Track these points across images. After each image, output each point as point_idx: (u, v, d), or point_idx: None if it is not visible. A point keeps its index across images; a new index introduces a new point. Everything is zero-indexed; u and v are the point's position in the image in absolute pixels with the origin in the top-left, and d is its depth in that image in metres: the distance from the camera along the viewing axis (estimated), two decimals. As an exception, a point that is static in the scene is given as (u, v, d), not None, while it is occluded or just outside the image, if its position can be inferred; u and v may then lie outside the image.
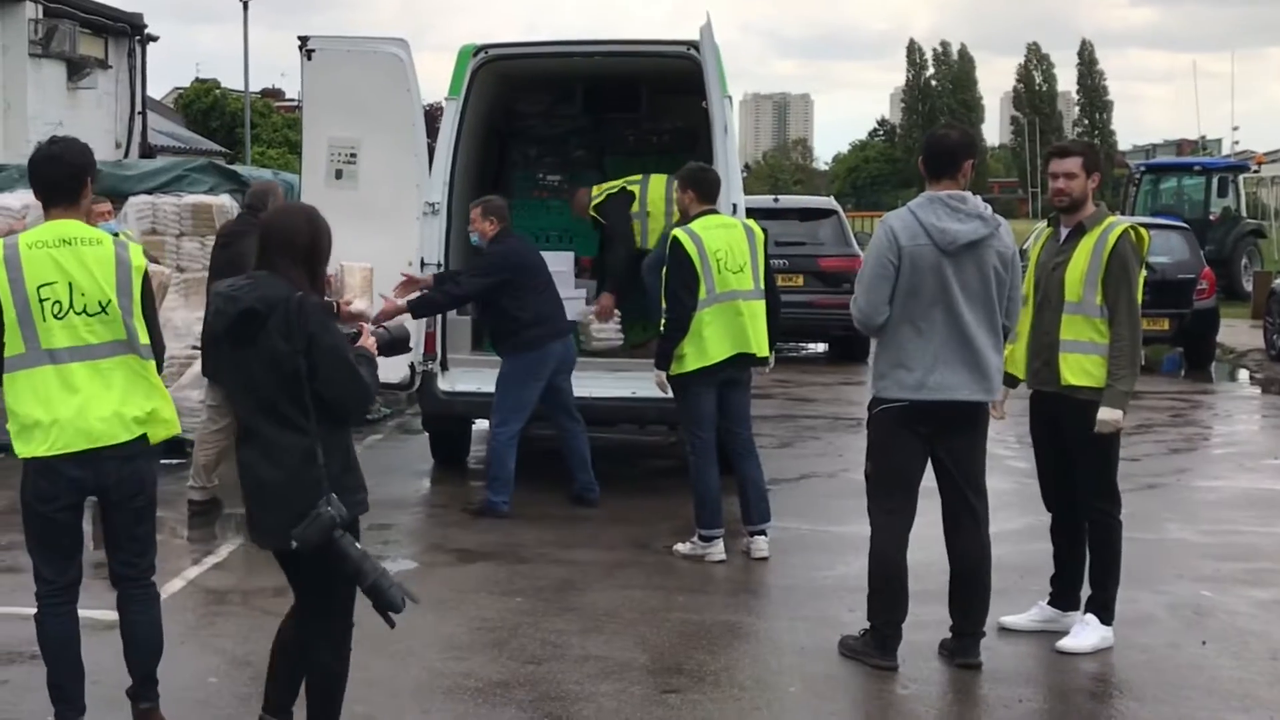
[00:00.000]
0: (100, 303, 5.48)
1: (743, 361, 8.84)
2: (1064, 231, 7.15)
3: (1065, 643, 7.08)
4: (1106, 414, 6.89)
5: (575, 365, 10.33)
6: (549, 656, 7.04)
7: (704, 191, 9.04)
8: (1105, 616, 7.14)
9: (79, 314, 5.45)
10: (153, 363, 5.64)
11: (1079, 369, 6.96)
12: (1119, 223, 7.08)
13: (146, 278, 5.66)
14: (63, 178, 5.63)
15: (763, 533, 8.97)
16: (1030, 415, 7.36)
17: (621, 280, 11.19)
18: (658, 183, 11.27)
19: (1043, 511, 7.44)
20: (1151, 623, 7.36)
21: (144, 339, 5.59)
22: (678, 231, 8.85)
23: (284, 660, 5.61)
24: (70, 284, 5.44)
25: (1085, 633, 7.10)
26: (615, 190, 11.35)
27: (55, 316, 5.44)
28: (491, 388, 10.10)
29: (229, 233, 10.28)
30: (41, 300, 5.43)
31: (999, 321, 6.76)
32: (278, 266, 5.24)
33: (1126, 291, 6.92)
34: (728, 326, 8.72)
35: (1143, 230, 7.21)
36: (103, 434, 5.48)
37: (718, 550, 8.85)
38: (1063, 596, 7.37)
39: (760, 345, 8.83)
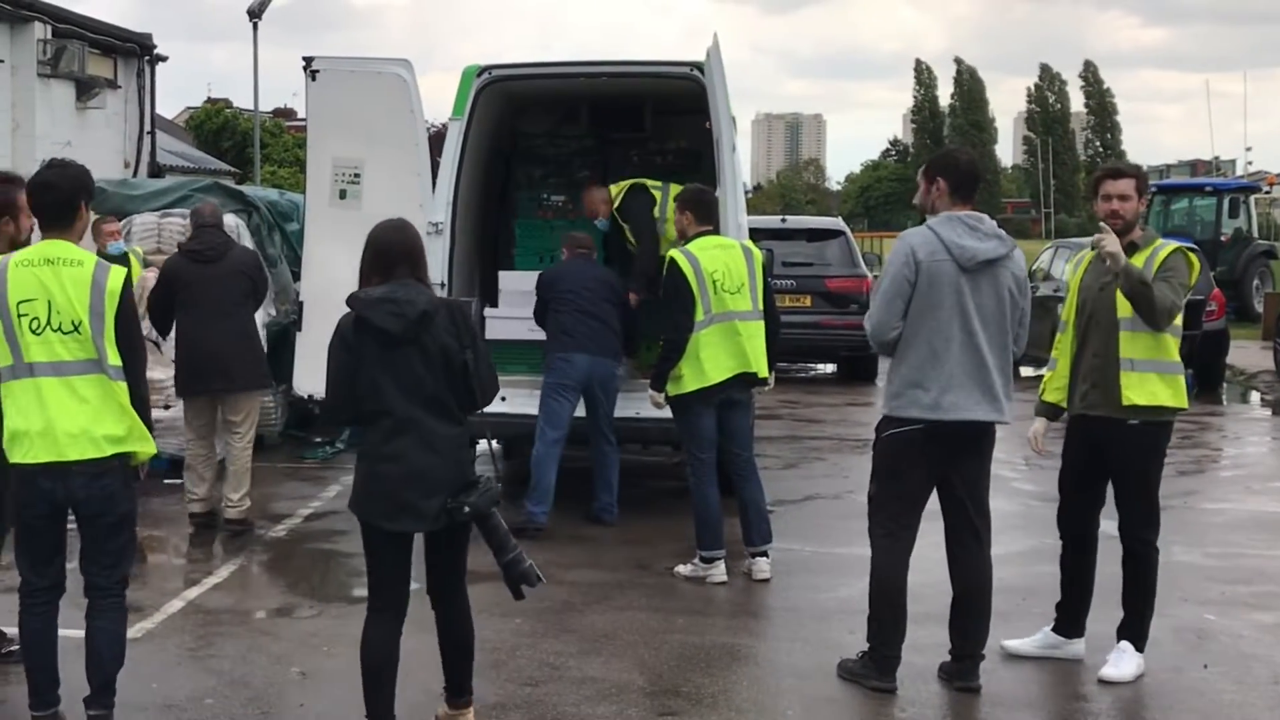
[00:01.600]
0: (73, 322, 5.70)
1: (742, 382, 8.82)
2: None
3: (1107, 672, 6.97)
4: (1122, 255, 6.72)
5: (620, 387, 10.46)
6: (547, 678, 7.01)
7: (701, 213, 9.08)
8: (1141, 644, 7.07)
9: (55, 331, 5.70)
10: (123, 384, 5.77)
11: (1146, 390, 6.83)
12: (1169, 243, 7.03)
13: (125, 302, 5.80)
14: (55, 204, 5.89)
15: (764, 554, 8.94)
16: (1069, 438, 7.21)
17: (651, 277, 11.10)
18: (675, 194, 11.29)
19: (1048, 534, 7.39)
20: (1154, 646, 7.30)
21: (114, 360, 5.74)
22: (674, 253, 8.88)
23: (391, 671, 5.91)
24: (49, 302, 5.70)
25: (1125, 661, 7.01)
26: (632, 185, 11.30)
27: (33, 332, 5.70)
28: (514, 409, 10.17)
29: (211, 245, 10.31)
30: (20, 316, 5.70)
31: (1010, 345, 6.73)
32: (401, 275, 5.81)
33: (1177, 284, 6.81)
34: (726, 347, 8.71)
35: (1193, 256, 7.11)
36: (68, 448, 5.70)
37: (719, 572, 8.81)
38: (1069, 624, 7.29)
39: (760, 365, 8.82)
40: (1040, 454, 7.38)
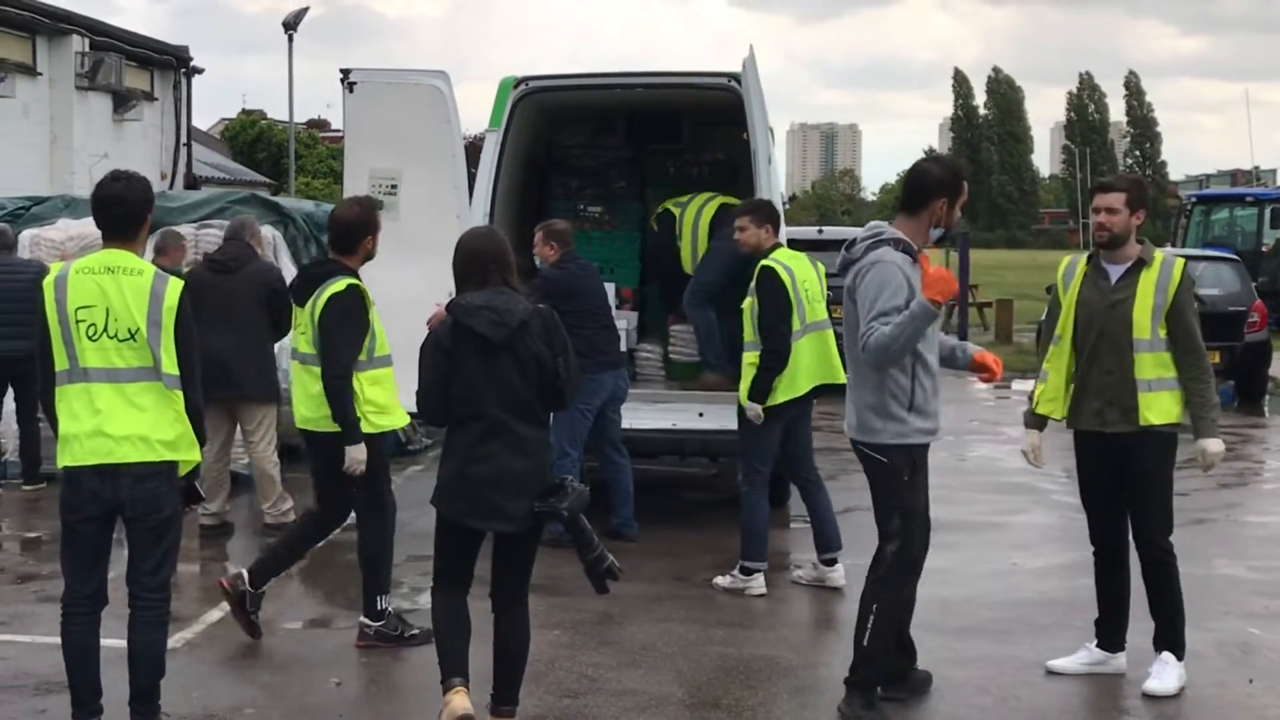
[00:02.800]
0: (130, 330, 5.78)
1: (820, 392, 8.87)
2: (1114, 269, 6.96)
3: (1150, 685, 6.89)
4: (1212, 444, 6.86)
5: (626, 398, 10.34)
6: (586, 690, 6.98)
7: (777, 225, 9.14)
8: (1180, 653, 7.01)
9: (111, 338, 5.79)
10: (178, 393, 5.86)
11: (1161, 409, 6.82)
12: (1174, 258, 7.00)
13: (183, 313, 5.86)
14: (125, 217, 5.97)
15: (837, 560, 8.96)
16: (1084, 456, 7.16)
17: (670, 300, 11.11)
18: (694, 205, 11.32)
19: (1088, 547, 7.31)
20: (1198, 660, 7.23)
21: (169, 369, 5.82)
22: (770, 263, 8.80)
23: (464, 629, 6.22)
24: (107, 309, 5.79)
25: (1167, 673, 6.93)
26: (661, 212, 11.37)
27: (89, 338, 5.79)
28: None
29: (232, 258, 10.43)
30: (78, 322, 5.79)
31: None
32: (496, 281, 6.04)
33: (1194, 321, 6.87)
34: (817, 356, 8.78)
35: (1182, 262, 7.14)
36: (113, 451, 5.77)
37: (758, 584, 8.78)
38: (1109, 639, 7.21)
39: (842, 373, 8.84)
40: (1038, 467, 7.49)
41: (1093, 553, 7.23)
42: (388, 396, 7.67)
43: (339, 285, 7.48)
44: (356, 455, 7.52)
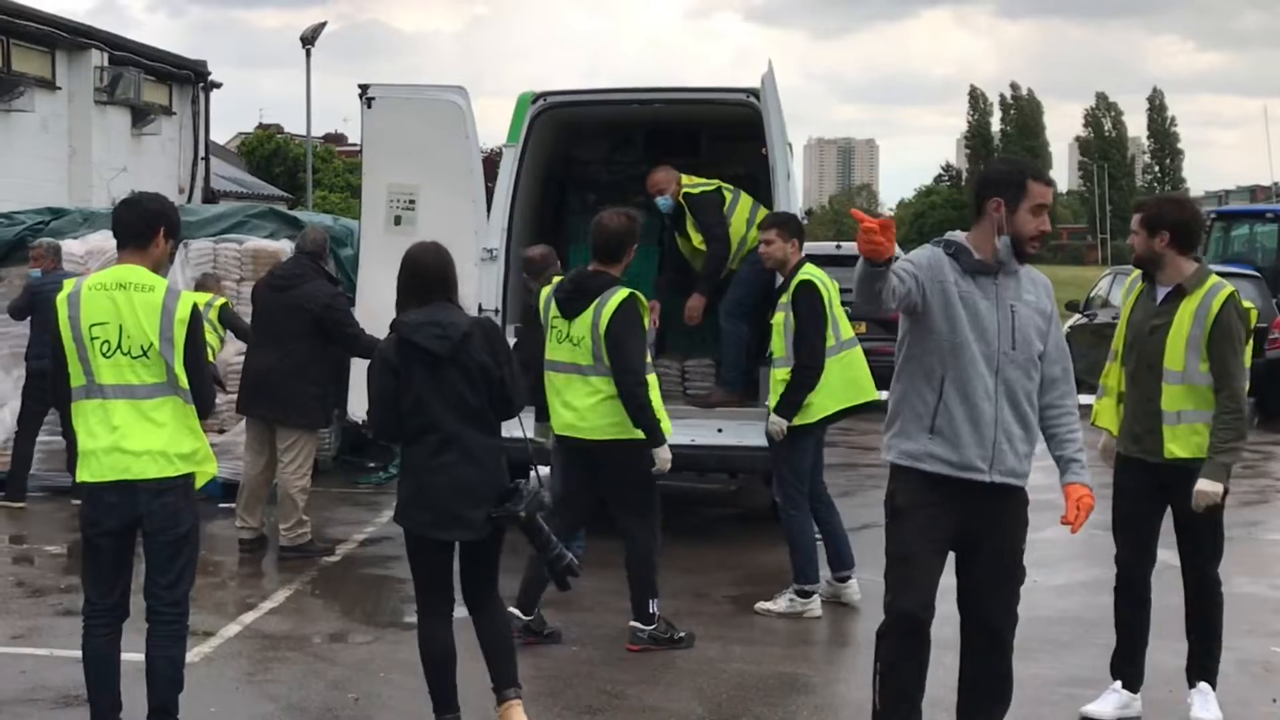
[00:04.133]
0: (143, 346, 5.79)
1: (852, 410, 8.82)
2: (1160, 291, 6.66)
3: (1201, 715, 6.67)
4: (1205, 485, 6.44)
5: None
6: (606, 706, 6.96)
7: (802, 240, 8.98)
8: (1215, 682, 6.79)
9: (124, 354, 5.79)
10: (193, 408, 5.89)
11: (1187, 441, 6.52)
12: (1222, 287, 6.54)
13: (194, 329, 5.87)
14: (135, 222, 5.98)
15: (851, 576, 8.91)
16: (1127, 480, 6.77)
17: (717, 284, 10.89)
18: (745, 205, 10.97)
19: (1110, 564, 7.25)
20: (1220, 679, 7.17)
21: (185, 384, 5.84)
22: (809, 276, 8.57)
23: (450, 660, 6.30)
24: (120, 326, 5.79)
25: (1209, 702, 6.70)
26: (711, 190, 11.06)
27: (104, 355, 5.80)
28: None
29: (288, 275, 10.33)
30: (93, 338, 5.79)
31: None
32: (438, 296, 6.19)
33: (1233, 358, 6.48)
34: (852, 374, 8.74)
35: (1250, 305, 6.77)
36: (131, 467, 5.79)
37: (816, 606, 8.69)
38: (1134, 678, 6.88)
39: (872, 389, 8.81)
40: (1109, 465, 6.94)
41: (1117, 580, 6.88)
42: (658, 401, 7.87)
43: (623, 294, 7.69)
44: (665, 455, 7.73)
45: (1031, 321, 5.47)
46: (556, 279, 8.30)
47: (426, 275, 6.25)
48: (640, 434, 7.71)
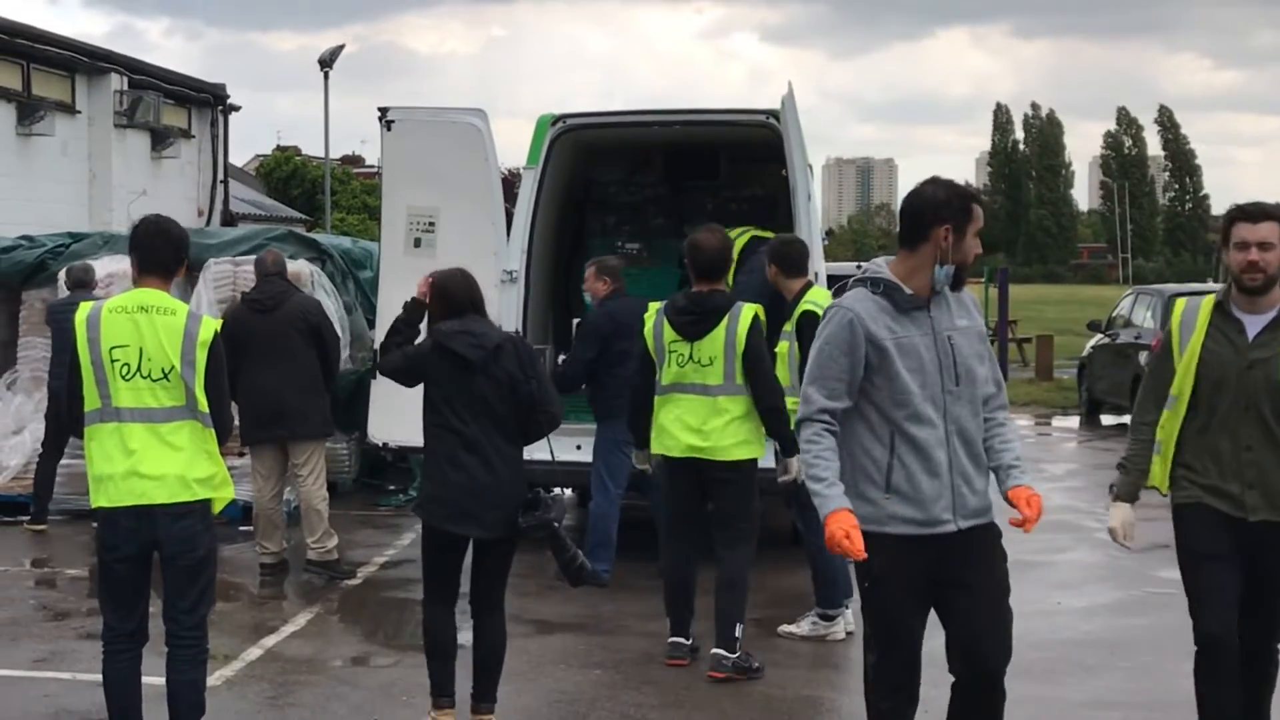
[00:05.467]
0: (164, 369, 5.77)
1: None
2: (1252, 320, 5.59)
3: None
4: None
5: None
6: (628, 731, 6.93)
7: (796, 266, 8.70)
8: None
9: (144, 378, 5.77)
10: (212, 432, 5.87)
11: None
12: None
13: (215, 353, 5.86)
14: (167, 254, 6.00)
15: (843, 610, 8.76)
16: (1207, 537, 5.64)
17: None
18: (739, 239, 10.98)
19: (1133, 586, 7.23)
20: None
21: (204, 407, 5.82)
22: (816, 306, 8.12)
23: (451, 647, 6.75)
24: (140, 349, 5.77)
25: None
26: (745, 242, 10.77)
27: (123, 378, 5.77)
28: (573, 456, 10.01)
29: (271, 295, 10.35)
30: (112, 361, 5.76)
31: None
32: (470, 312, 6.66)
33: None
34: None
35: None
36: (148, 492, 5.76)
37: (840, 629, 8.61)
38: None
39: None
40: (1129, 547, 6.07)
41: (1198, 659, 5.76)
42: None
43: (754, 309, 7.84)
44: (797, 464, 7.57)
45: (970, 349, 5.13)
46: (655, 306, 8.21)
47: (456, 295, 6.70)
48: (757, 452, 7.84)
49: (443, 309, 6.70)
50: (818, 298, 8.46)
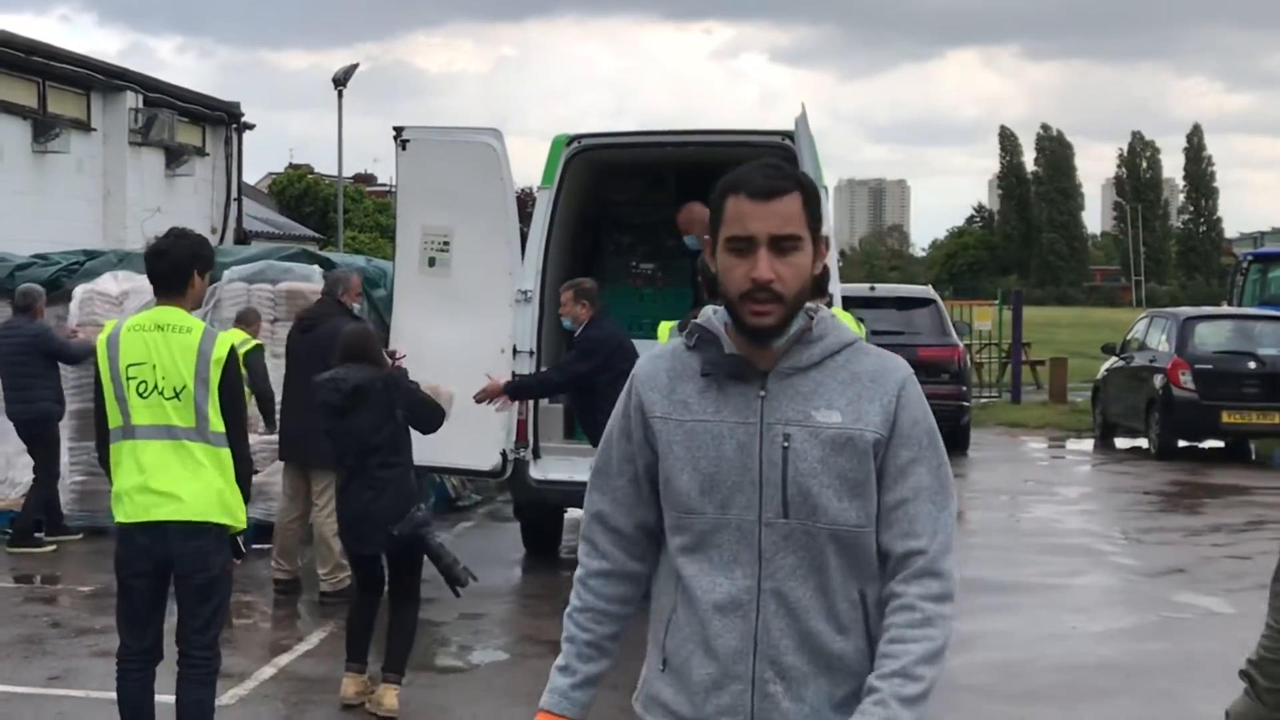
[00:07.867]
0: (176, 388, 5.80)
1: None
2: None
3: None
4: None
5: None
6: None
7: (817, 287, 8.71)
8: None
9: (160, 395, 5.81)
10: (225, 451, 5.87)
11: None
12: None
13: (230, 371, 5.88)
14: (167, 272, 5.97)
15: None
16: None
17: None
18: None
19: (1149, 611, 7.20)
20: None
21: (217, 427, 5.84)
22: (848, 317, 8.03)
23: (367, 626, 7.77)
24: (155, 366, 5.80)
25: None
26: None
27: (140, 395, 5.82)
28: (584, 476, 9.97)
29: (313, 315, 10.36)
30: (129, 379, 5.82)
31: None
32: (359, 361, 7.63)
33: None
34: None
35: None
36: (156, 507, 5.79)
37: None
38: None
39: None
40: None
41: None
42: None
43: None
44: None
45: (826, 464, 2.93)
46: (667, 325, 8.41)
47: (349, 349, 7.72)
48: None
49: (349, 354, 7.70)
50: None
